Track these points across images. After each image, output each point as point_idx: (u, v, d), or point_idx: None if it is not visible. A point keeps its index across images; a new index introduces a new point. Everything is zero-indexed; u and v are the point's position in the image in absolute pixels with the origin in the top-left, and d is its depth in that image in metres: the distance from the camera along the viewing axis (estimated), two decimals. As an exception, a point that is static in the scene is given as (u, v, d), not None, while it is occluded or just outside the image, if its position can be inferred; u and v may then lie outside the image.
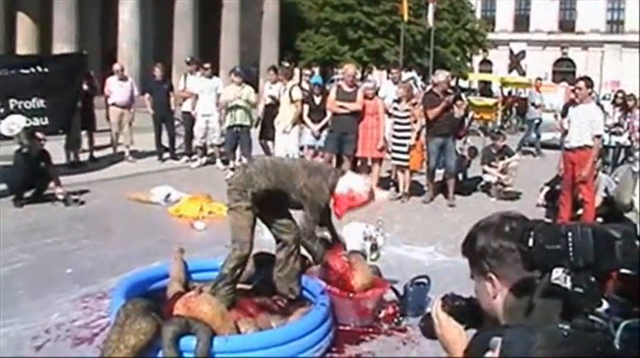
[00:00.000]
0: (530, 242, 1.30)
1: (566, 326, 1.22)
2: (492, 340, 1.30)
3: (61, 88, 10.24)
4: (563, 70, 53.65)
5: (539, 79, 19.24)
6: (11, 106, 9.75)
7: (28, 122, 9.30)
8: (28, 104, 9.88)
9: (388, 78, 13.22)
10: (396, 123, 9.74)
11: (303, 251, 4.88)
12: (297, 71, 19.86)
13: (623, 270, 1.32)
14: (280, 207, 4.75)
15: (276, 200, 4.62)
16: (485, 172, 10.52)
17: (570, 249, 1.22)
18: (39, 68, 10.15)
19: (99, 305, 4.93)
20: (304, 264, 5.04)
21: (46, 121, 9.97)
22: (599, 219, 7.97)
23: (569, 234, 1.23)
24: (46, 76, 10.10)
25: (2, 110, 9.65)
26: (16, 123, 8.85)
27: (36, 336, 4.37)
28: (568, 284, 1.27)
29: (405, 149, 9.55)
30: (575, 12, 56.56)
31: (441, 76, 9.88)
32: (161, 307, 4.10)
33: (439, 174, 9.99)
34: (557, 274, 1.29)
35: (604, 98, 23.04)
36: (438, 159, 9.60)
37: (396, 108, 9.71)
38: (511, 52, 39.43)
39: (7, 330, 4.45)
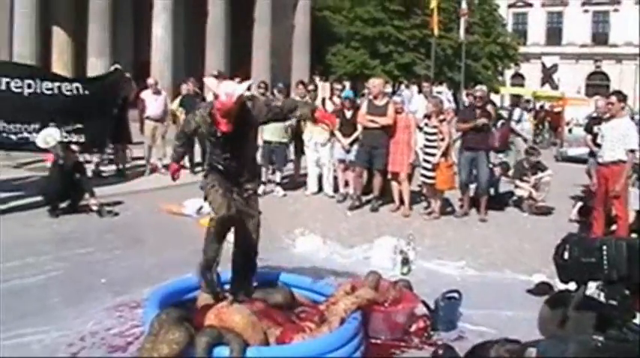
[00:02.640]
0: (566, 255, 1.32)
1: (599, 338, 1.23)
2: (527, 350, 1.32)
3: (101, 110, 10.28)
4: (597, 84, 52.93)
5: None
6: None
7: (65, 137, 9.39)
8: (65, 127, 9.72)
9: (420, 92, 13.18)
10: (425, 139, 9.70)
11: None
12: (327, 85, 19.92)
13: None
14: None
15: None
16: (517, 187, 10.45)
17: (605, 261, 1.23)
18: (80, 90, 10.09)
19: (133, 315, 5.00)
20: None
21: (82, 139, 9.97)
22: (633, 235, 7.86)
23: (604, 247, 1.25)
24: (87, 99, 10.08)
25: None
26: (52, 136, 9.01)
27: (71, 343, 4.45)
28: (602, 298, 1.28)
29: (430, 166, 9.40)
30: (609, 24, 55.86)
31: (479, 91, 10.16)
32: (194, 317, 4.16)
33: (471, 188, 9.93)
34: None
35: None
36: (470, 173, 9.58)
37: (426, 124, 9.64)
38: (543, 65, 39.15)
39: (42, 337, 4.54)
